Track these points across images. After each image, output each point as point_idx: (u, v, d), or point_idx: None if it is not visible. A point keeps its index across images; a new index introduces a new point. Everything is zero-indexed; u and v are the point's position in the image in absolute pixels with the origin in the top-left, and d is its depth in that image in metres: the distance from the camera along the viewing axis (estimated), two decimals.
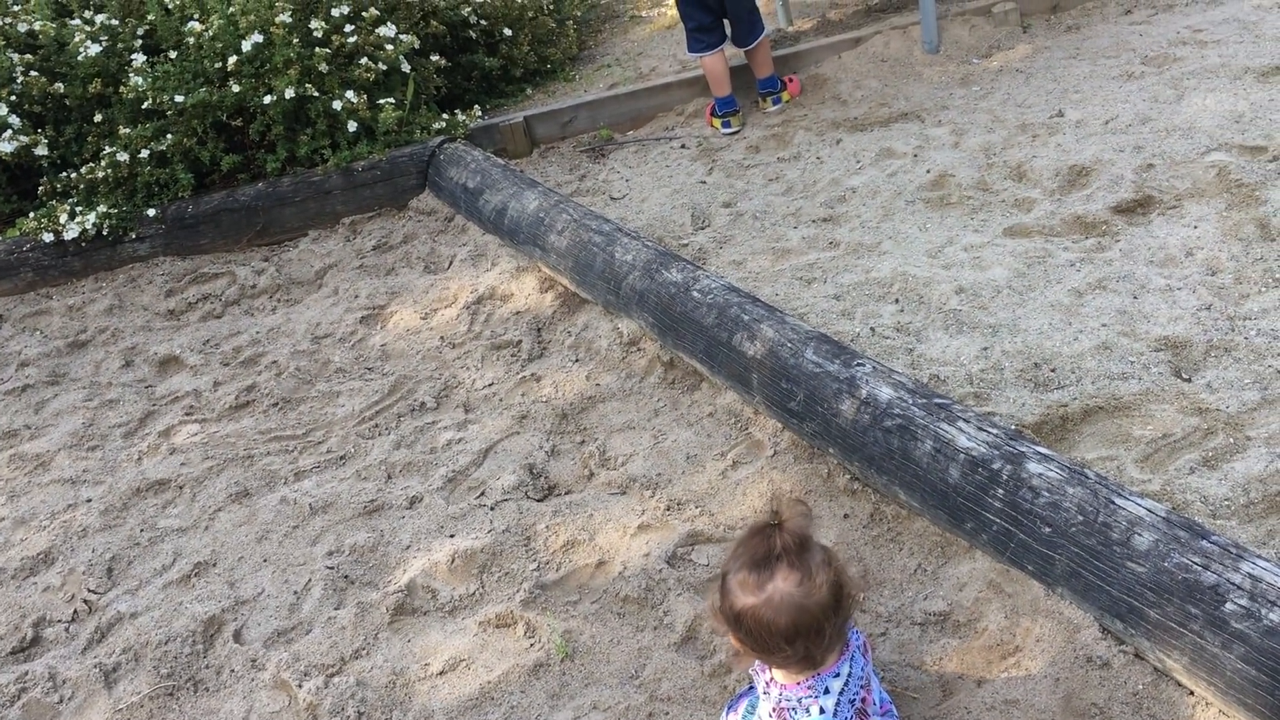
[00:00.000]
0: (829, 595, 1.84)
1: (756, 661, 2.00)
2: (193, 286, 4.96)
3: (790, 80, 5.46)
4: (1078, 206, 3.86)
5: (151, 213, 5.18)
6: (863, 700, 1.95)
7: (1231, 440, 2.62)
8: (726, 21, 5.31)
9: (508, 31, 6.12)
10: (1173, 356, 2.97)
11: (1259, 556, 2.03)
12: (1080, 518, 2.24)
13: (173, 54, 5.20)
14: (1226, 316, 3.08)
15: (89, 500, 3.53)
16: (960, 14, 5.52)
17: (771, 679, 1.98)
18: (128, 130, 5.08)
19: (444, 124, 5.46)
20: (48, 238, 5.09)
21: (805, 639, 1.83)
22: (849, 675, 1.94)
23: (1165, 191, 3.79)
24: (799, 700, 1.91)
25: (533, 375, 3.75)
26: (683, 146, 5.31)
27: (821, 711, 1.89)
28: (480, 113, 5.77)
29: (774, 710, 1.94)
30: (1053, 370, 3.04)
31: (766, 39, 5.38)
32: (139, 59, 5.14)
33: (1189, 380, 2.87)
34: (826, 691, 1.91)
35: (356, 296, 4.57)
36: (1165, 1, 5.40)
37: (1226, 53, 4.66)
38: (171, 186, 5.23)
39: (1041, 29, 5.43)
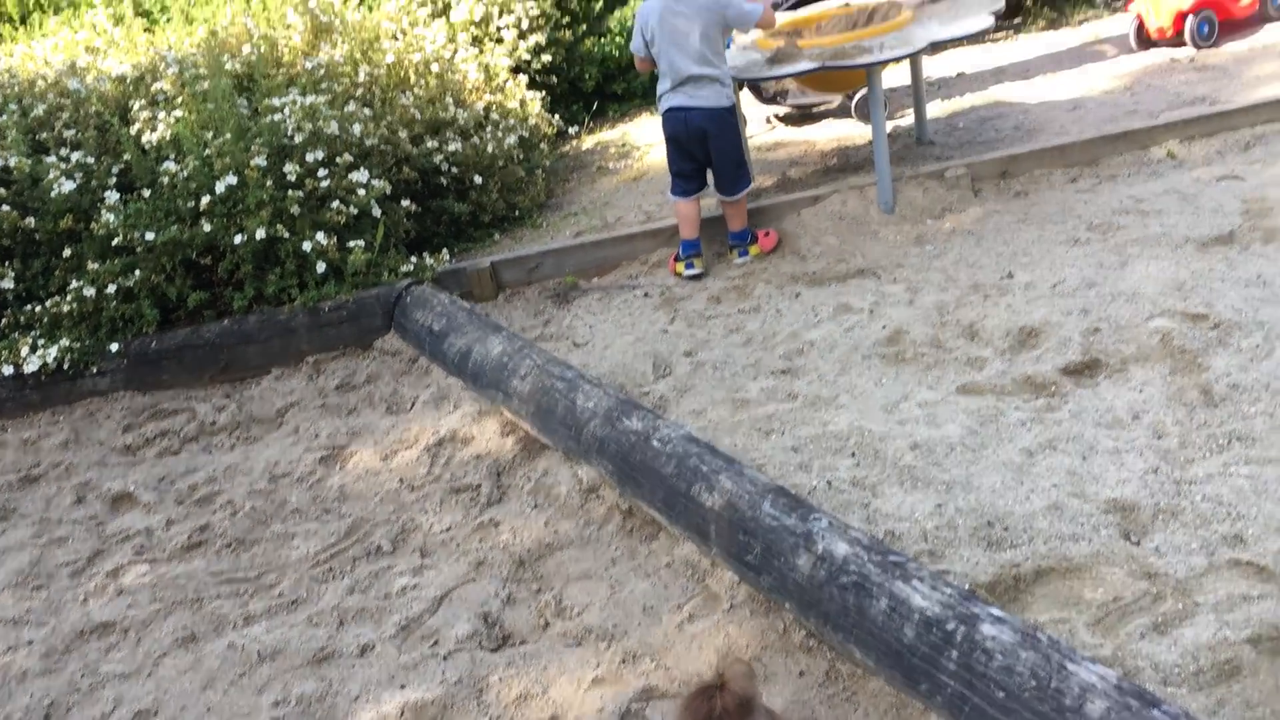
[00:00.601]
0: None
1: None
2: (151, 422, 4.94)
3: (766, 234, 5.62)
4: (1028, 367, 3.97)
5: (114, 348, 5.18)
6: None
7: (1180, 606, 2.66)
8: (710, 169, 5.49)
9: (478, 179, 6.27)
10: (1122, 519, 3.03)
11: None
12: (1033, 683, 2.26)
13: (146, 192, 5.29)
14: (1173, 480, 3.15)
15: (30, 642, 3.45)
16: (914, 176, 5.74)
17: None
18: (96, 265, 5.12)
19: (412, 267, 5.55)
20: (7, 370, 5.08)
21: None
22: None
23: (1111, 355, 3.91)
24: None
25: (491, 520, 3.74)
26: (646, 295, 5.42)
27: None
28: (448, 256, 5.87)
29: None
30: (1005, 529, 3.09)
31: (746, 194, 5.55)
32: (112, 196, 5.22)
33: (1138, 544, 2.92)
34: None
35: (317, 436, 4.57)
36: (1109, 171, 5.65)
37: (1168, 222, 4.86)
38: (136, 322, 5.25)
39: (992, 193, 5.65)
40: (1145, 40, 7.37)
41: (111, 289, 5.14)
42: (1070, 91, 6.93)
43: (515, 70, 7.39)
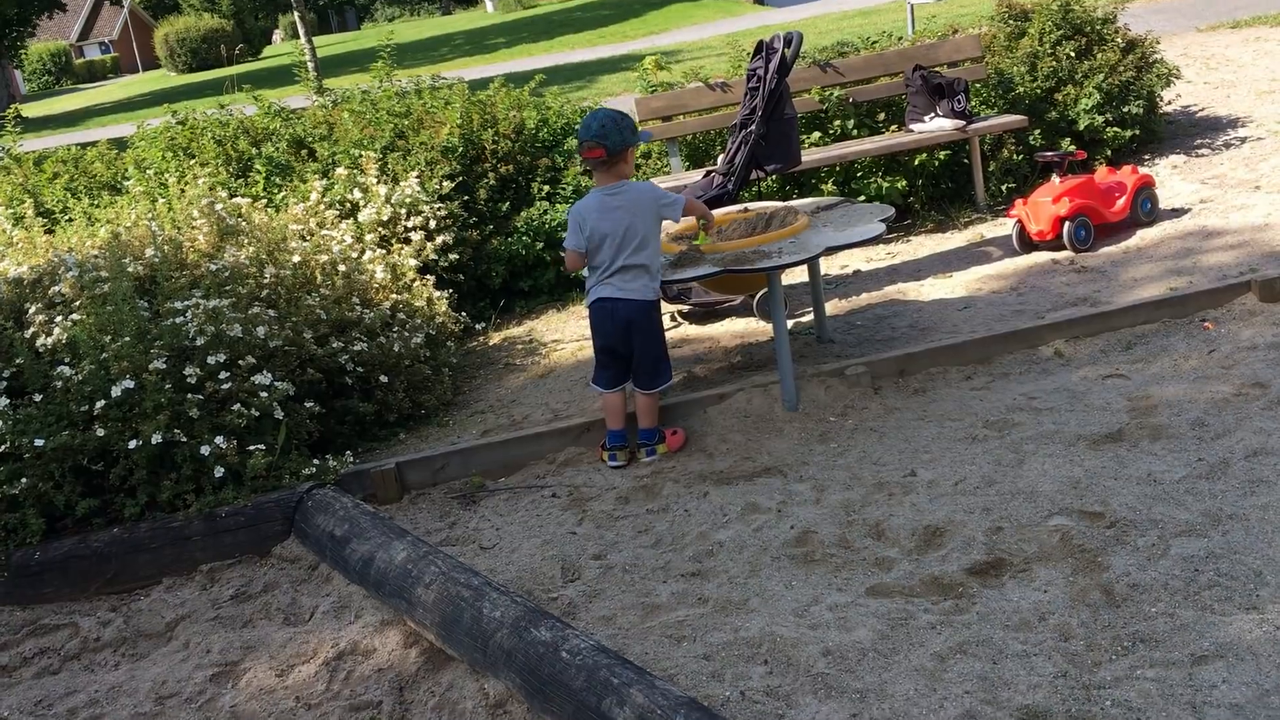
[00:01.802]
0: None
1: None
2: (30, 640, 4.67)
3: (674, 433, 5.66)
4: (934, 567, 4.00)
5: None
6: None
7: None
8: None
9: (384, 378, 6.26)
10: None
11: None
12: None
13: (38, 397, 5.15)
14: (1082, 685, 3.16)
15: None
16: (816, 374, 5.88)
17: None
18: None
19: (314, 469, 5.44)
20: None
21: None
22: None
23: (1014, 554, 3.97)
24: None
25: None
26: (554, 495, 5.38)
27: None
28: (352, 457, 5.79)
29: None
30: None
31: (661, 391, 5.62)
32: (1, 402, 5.08)
33: None
34: None
35: (209, 651, 4.36)
36: (1001, 369, 5.86)
37: (1059, 420, 5.03)
38: (20, 531, 5.02)
39: (891, 390, 5.81)
40: (1027, 243, 7.78)
41: None
42: (960, 290, 7.24)
43: (422, 269, 7.49)
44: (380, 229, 7.59)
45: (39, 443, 4.92)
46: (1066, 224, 7.52)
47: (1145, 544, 3.85)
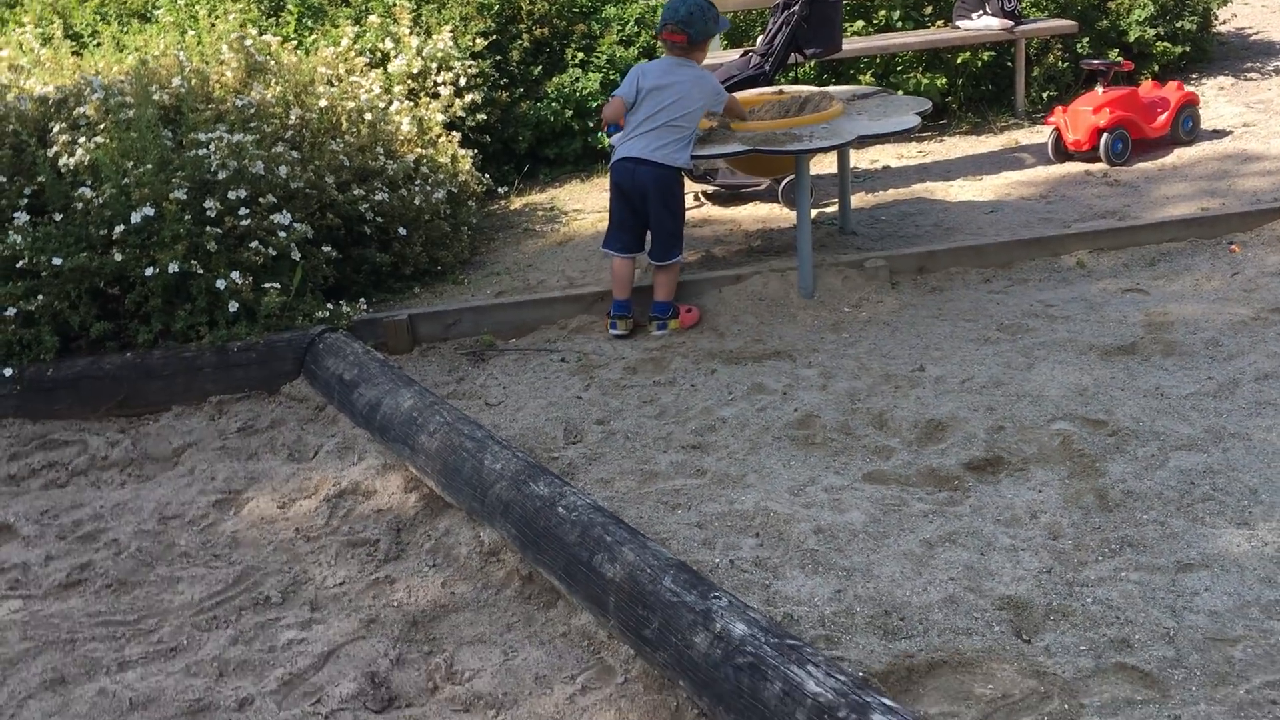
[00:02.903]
0: None
1: None
2: (40, 452, 4.76)
3: (689, 311, 5.66)
4: (933, 459, 4.03)
5: (8, 372, 5.00)
6: None
7: (1066, 707, 2.69)
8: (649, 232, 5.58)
9: (402, 231, 6.23)
10: (1014, 616, 3.07)
11: None
12: None
13: (58, 216, 5.16)
14: (1065, 581, 3.21)
15: None
16: (835, 264, 5.85)
17: None
18: None
19: (328, 313, 5.47)
20: None
21: None
22: None
23: (1014, 454, 3.99)
24: None
25: (387, 577, 3.66)
26: (562, 360, 5.41)
27: None
28: (366, 306, 5.81)
29: None
30: (902, 619, 3.11)
31: (678, 264, 5.62)
32: (21, 218, 5.08)
33: (1029, 642, 2.96)
34: None
35: (213, 479, 4.44)
36: (1021, 275, 5.82)
37: (1074, 329, 5.01)
38: (34, 347, 5.07)
39: (909, 287, 5.78)
40: (1062, 152, 7.65)
41: (11, 312, 4.97)
42: (989, 194, 7.15)
43: (449, 126, 7.39)
44: (409, 81, 7.47)
45: (57, 262, 4.94)
46: (1104, 136, 7.38)
47: (1145, 454, 3.87)
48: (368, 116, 6.58)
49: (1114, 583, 3.17)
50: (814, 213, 6.75)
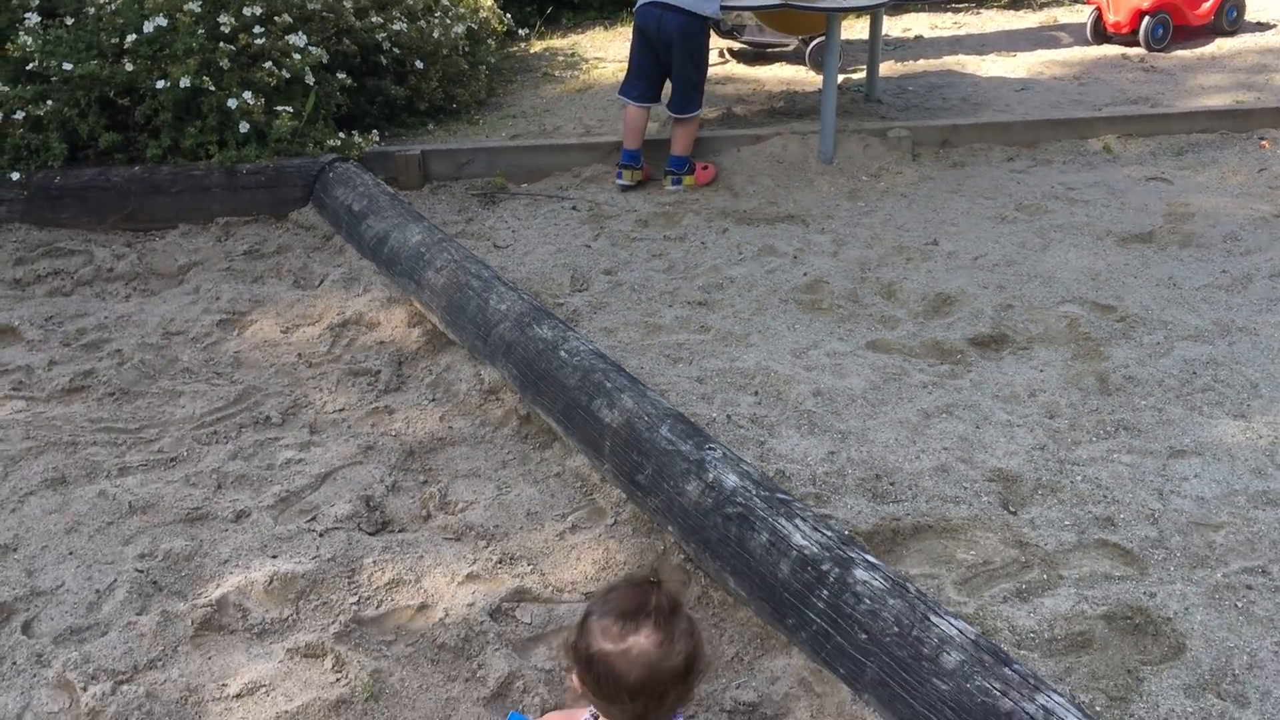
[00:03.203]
0: (683, 665, 1.85)
1: (587, 713, 2.00)
2: (45, 259, 4.75)
3: (705, 168, 5.58)
4: (938, 333, 4.02)
5: (15, 176, 4.96)
6: None
7: (1045, 576, 2.74)
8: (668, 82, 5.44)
9: (419, 64, 6.10)
10: (1003, 489, 3.11)
11: (1054, 690, 2.12)
12: (896, 629, 2.31)
13: (70, 20, 5.03)
14: (1057, 459, 3.23)
15: None
16: (857, 131, 5.74)
17: None
18: (6, 89, 4.87)
19: (339, 142, 5.39)
20: None
21: (647, 699, 1.84)
22: None
23: (1019, 332, 3.98)
24: None
25: (386, 407, 3.69)
26: (574, 208, 5.36)
27: None
28: (378, 138, 5.73)
29: None
30: (892, 484, 3.14)
31: (697, 119, 5.51)
32: (33, 19, 4.96)
33: (1015, 513, 3.00)
34: None
35: (218, 298, 4.44)
36: (1045, 156, 5.72)
37: (1093, 214, 4.95)
38: (42, 153, 5.02)
39: (930, 160, 5.68)
40: (1101, 34, 7.45)
41: (20, 115, 4.90)
42: (1020, 71, 6.98)
43: None
44: None
45: (67, 67, 4.84)
46: (1146, 19, 7.17)
47: (1150, 341, 3.86)
48: None
49: (1105, 463, 3.19)
50: (840, 78, 6.59)
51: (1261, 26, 7.72)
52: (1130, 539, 2.86)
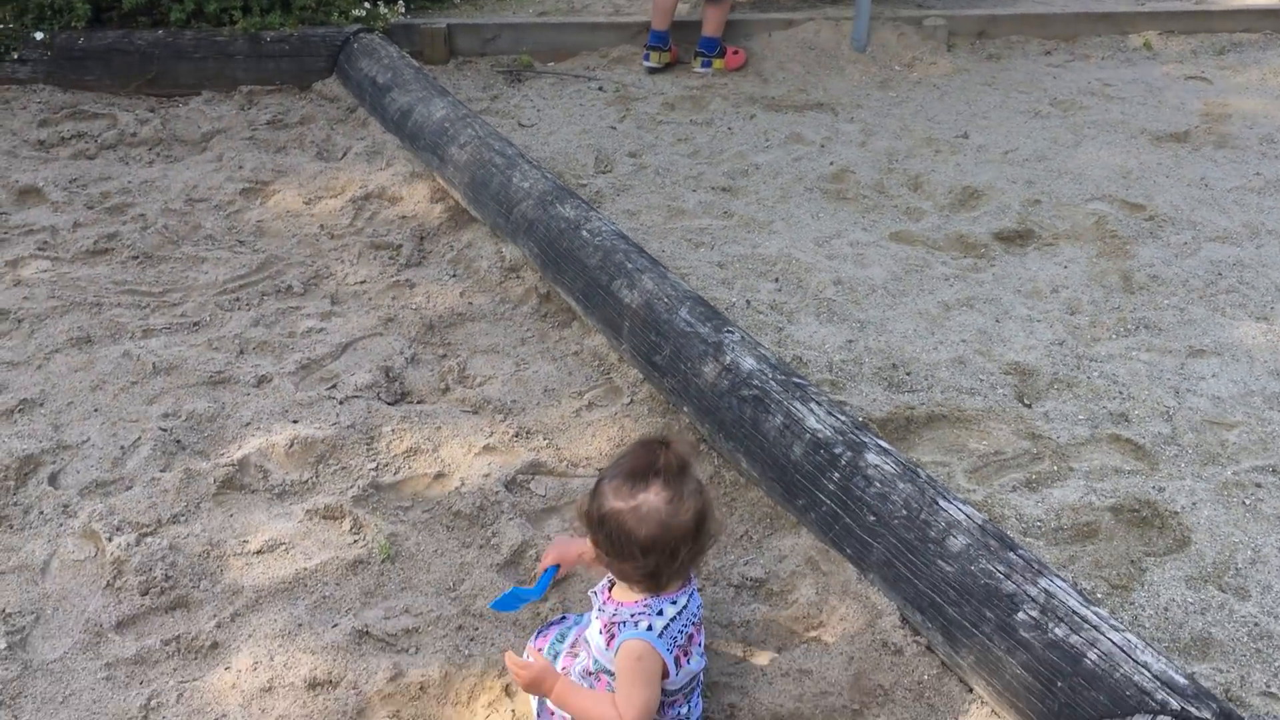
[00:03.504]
0: (692, 522, 1.90)
1: (601, 583, 2.05)
2: (69, 122, 4.74)
3: (735, 52, 5.47)
4: (963, 226, 3.99)
5: (39, 36, 4.91)
6: (689, 638, 2.00)
7: (1055, 468, 2.76)
8: None
9: None
10: (1019, 382, 3.11)
11: (1057, 575, 2.16)
12: (904, 512, 2.34)
13: None
14: (1075, 354, 3.23)
15: None
16: (893, 19, 5.61)
17: (609, 597, 2.02)
18: None
19: (364, 13, 5.31)
20: None
21: (659, 556, 1.89)
22: (684, 608, 1.99)
23: (1045, 228, 3.94)
24: (631, 615, 1.95)
25: (407, 281, 3.70)
26: (600, 89, 5.29)
27: (649, 629, 1.93)
28: (404, 10, 5.63)
29: (604, 626, 1.98)
30: (908, 374, 3.15)
31: (729, 1, 5.39)
32: None
33: (1029, 406, 3.01)
34: (660, 614, 1.95)
35: (241, 167, 4.43)
36: (1083, 51, 5.59)
37: (1129, 111, 4.86)
38: (65, 13, 4.96)
39: (965, 51, 5.57)
40: None
41: None
42: None
43: None
44: None
45: None
46: None
47: (1178, 241, 3.82)
48: None
49: (1123, 360, 3.19)
50: None
51: None
52: (1143, 435, 2.87)
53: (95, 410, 2.99)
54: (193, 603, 2.41)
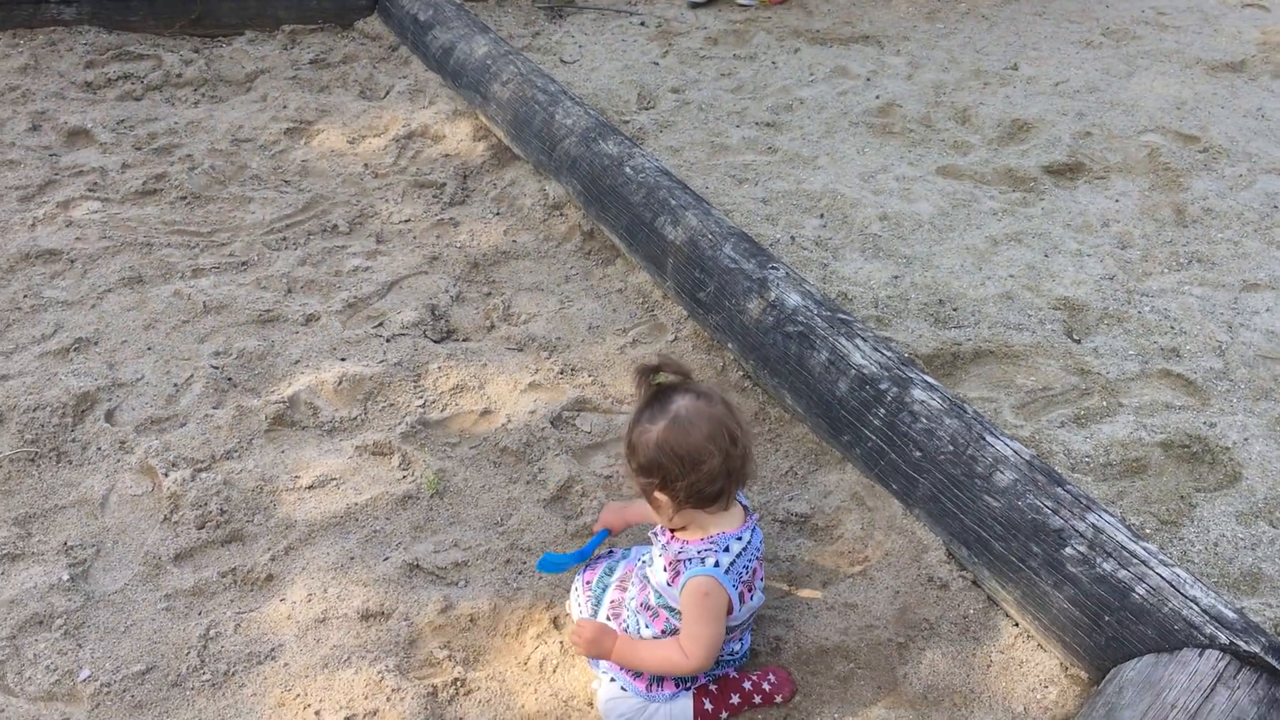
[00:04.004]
0: (726, 409, 1.95)
1: (658, 526, 2.07)
2: (115, 63, 4.76)
3: None
4: (1012, 160, 3.93)
5: None
6: (752, 573, 2.02)
7: (1104, 404, 2.74)
8: None
9: None
10: (1068, 317, 3.08)
11: (1105, 510, 2.15)
12: (951, 448, 2.34)
13: None
14: (1126, 289, 3.19)
15: None
16: None
17: (673, 536, 2.03)
18: None
19: None
20: None
21: (723, 446, 1.90)
22: (749, 544, 2.01)
23: (1096, 161, 3.87)
24: (698, 552, 1.97)
25: (451, 220, 3.71)
26: (642, 24, 5.23)
27: (716, 565, 1.95)
28: None
29: (670, 563, 2.00)
30: (955, 310, 3.13)
31: None
32: None
33: (1079, 342, 2.98)
34: (726, 550, 1.97)
35: (285, 107, 4.44)
36: None
37: (1183, 40, 4.74)
38: None
39: None
40: None
41: None
42: None
43: None
44: None
45: None
46: None
47: (1233, 174, 3.74)
48: None
49: (1175, 295, 3.15)
50: None
51: None
52: (1195, 370, 2.84)
53: (148, 349, 3.03)
54: (247, 536, 2.46)
